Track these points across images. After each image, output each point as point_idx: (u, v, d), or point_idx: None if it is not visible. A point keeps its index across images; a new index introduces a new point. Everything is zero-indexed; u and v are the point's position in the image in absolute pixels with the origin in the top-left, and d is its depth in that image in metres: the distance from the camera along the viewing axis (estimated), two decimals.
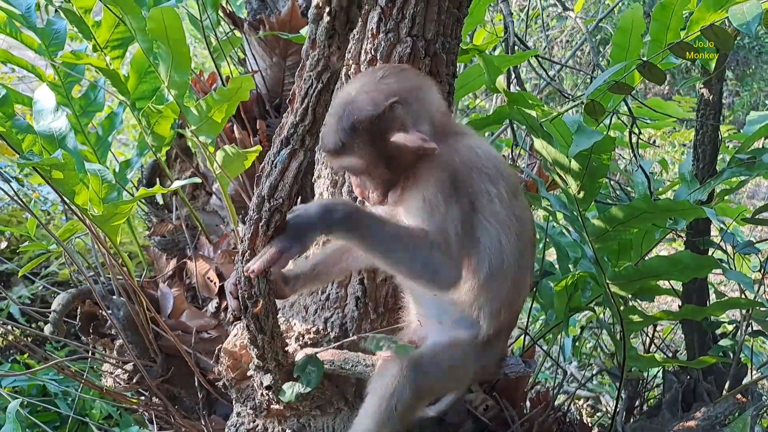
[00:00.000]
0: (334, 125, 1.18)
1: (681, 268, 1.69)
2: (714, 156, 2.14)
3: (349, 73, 1.42)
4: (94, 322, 2.16)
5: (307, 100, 0.95)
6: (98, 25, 2.01)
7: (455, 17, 1.41)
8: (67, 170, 1.58)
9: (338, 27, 0.84)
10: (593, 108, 1.83)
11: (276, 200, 1.07)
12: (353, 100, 1.18)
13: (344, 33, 0.86)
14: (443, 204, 1.20)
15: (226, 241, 2.29)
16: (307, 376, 1.54)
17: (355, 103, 1.18)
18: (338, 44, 0.87)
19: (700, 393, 2.12)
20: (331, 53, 0.87)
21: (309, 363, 1.54)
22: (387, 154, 1.21)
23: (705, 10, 1.72)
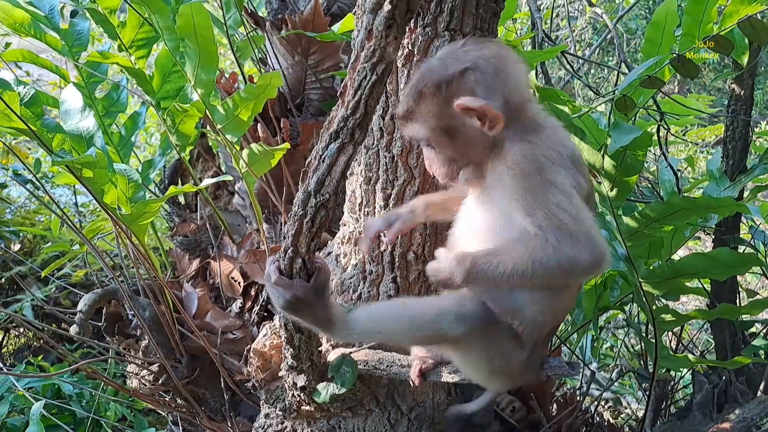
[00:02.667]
0: (406, 91, 1.14)
1: (719, 266, 1.67)
2: (744, 152, 2.11)
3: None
4: (119, 323, 2.15)
5: (360, 92, 0.93)
6: (123, 25, 2.00)
7: (492, 11, 1.40)
8: (99, 168, 1.57)
9: (398, 16, 0.82)
10: (625, 103, 1.81)
11: (322, 196, 1.05)
12: (429, 67, 1.13)
13: (403, 23, 0.84)
14: (541, 191, 1.09)
15: (250, 240, 2.27)
16: (342, 376, 1.52)
17: (428, 69, 1.13)
18: (395, 34, 0.85)
19: (732, 394, 2.09)
20: (387, 43, 0.85)
21: (344, 363, 1.53)
22: (452, 124, 1.13)
23: (739, 3, 1.69)
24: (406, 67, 1.39)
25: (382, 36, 0.85)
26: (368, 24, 0.84)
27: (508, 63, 1.16)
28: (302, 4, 2.55)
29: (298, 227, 1.10)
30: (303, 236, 1.11)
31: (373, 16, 0.84)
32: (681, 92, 8.72)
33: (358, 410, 1.67)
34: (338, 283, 1.66)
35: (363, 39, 0.87)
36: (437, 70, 1.12)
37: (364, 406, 1.67)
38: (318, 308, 1.19)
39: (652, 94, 1.97)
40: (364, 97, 0.93)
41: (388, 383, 1.67)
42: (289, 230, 1.12)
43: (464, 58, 1.11)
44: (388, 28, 0.84)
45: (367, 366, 1.53)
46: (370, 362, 1.53)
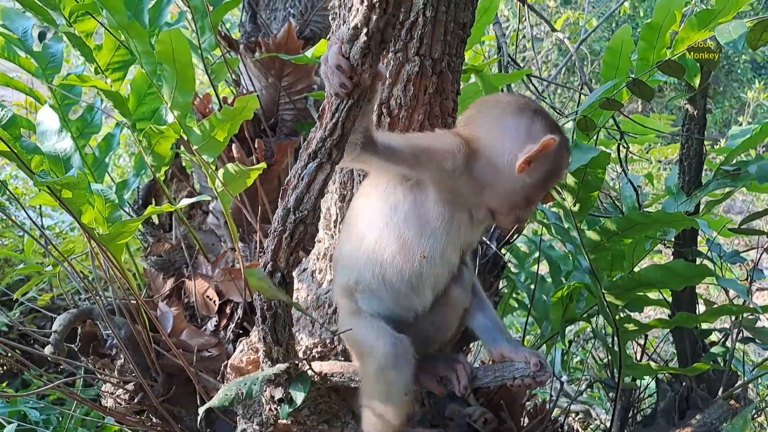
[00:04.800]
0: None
1: (675, 277, 1.76)
2: (699, 169, 2.21)
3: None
4: (94, 342, 2.16)
5: (337, 115, 0.99)
6: (99, 49, 2.04)
7: (460, 37, 1.47)
8: (78, 189, 1.60)
9: (373, 46, 0.89)
10: (585, 124, 1.90)
11: (301, 212, 1.10)
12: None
13: (378, 52, 0.90)
14: None
15: (225, 259, 2.31)
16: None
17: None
18: (371, 62, 0.91)
19: (694, 401, 2.17)
20: (363, 71, 0.92)
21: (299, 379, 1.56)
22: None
23: (690, 30, 1.80)
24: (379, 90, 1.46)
25: (358, 64, 0.91)
26: (345, 53, 0.91)
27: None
28: (275, 28, 2.61)
29: (278, 243, 1.16)
30: (282, 251, 1.17)
31: (350, 45, 0.90)
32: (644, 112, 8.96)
33: (334, 422, 1.71)
34: (314, 299, 1.71)
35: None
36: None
37: (339, 419, 1.71)
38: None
39: (611, 114, 2.07)
40: (341, 119, 0.99)
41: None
42: (269, 246, 1.17)
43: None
44: (363, 57, 0.90)
45: (342, 378, 1.57)
46: (345, 374, 1.57)
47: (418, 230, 1.33)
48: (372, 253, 1.36)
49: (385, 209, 1.34)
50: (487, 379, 1.39)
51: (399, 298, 1.40)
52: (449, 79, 1.49)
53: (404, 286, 1.38)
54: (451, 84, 1.50)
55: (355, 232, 1.41)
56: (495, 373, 1.38)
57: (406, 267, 1.35)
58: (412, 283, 1.37)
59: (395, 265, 1.35)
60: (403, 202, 1.33)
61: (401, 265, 1.35)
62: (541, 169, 1.27)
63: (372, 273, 1.37)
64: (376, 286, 1.39)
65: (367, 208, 1.38)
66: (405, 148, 1.23)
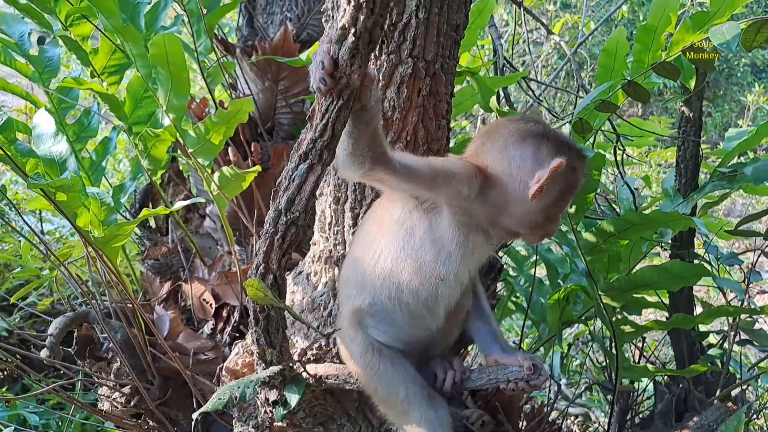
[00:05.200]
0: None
1: (671, 277, 1.76)
2: (696, 171, 2.21)
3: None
4: (90, 346, 2.16)
5: (327, 116, 0.99)
6: (95, 52, 2.05)
7: (453, 39, 1.47)
8: (73, 192, 1.61)
9: (361, 47, 0.89)
10: (581, 126, 1.90)
11: (292, 214, 1.10)
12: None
13: (366, 52, 0.90)
14: None
15: (221, 262, 2.31)
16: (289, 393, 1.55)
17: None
18: (360, 63, 0.91)
19: (692, 403, 2.16)
20: (352, 71, 0.92)
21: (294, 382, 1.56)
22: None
23: (685, 32, 1.80)
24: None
25: (347, 65, 0.91)
26: (334, 53, 0.91)
27: None
28: (272, 32, 2.62)
29: (270, 244, 1.16)
30: (274, 253, 1.17)
31: (339, 46, 0.90)
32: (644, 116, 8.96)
33: (330, 425, 1.71)
34: (309, 301, 1.71)
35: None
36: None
37: (335, 421, 1.71)
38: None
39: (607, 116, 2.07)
40: (331, 120, 0.99)
41: (358, 397, 1.72)
42: (261, 247, 1.17)
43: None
44: (352, 57, 0.90)
45: (337, 380, 1.57)
46: (340, 376, 1.57)
47: (434, 254, 1.33)
48: (388, 275, 1.36)
49: (401, 232, 1.35)
50: (482, 381, 1.39)
51: (414, 319, 1.41)
52: (443, 81, 1.49)
53: (420, 306, 1.38)
54: (445, 86, 1.51)
55: (369, 254, 1.40)
56: (489, 375, 1.38)
57: (423, 289, 1.36)
58: (428, 304, 1.38)
59: (411, 287, 1.36)
60: (419, 225, 1.34)
61: (417, 287, 1.36)
62: (555, 188, 1.27)
63: (388, 295, 1.38)
64: (392, 308, 1.40)
65: (382, 231, 1.38)
66: (423, 168, 1.24)
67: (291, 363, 1.51)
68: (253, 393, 1.35)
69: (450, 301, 1.40)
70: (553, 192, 1.27)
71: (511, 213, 1.30)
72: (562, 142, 1.29)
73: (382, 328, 1.44)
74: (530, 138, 1.28)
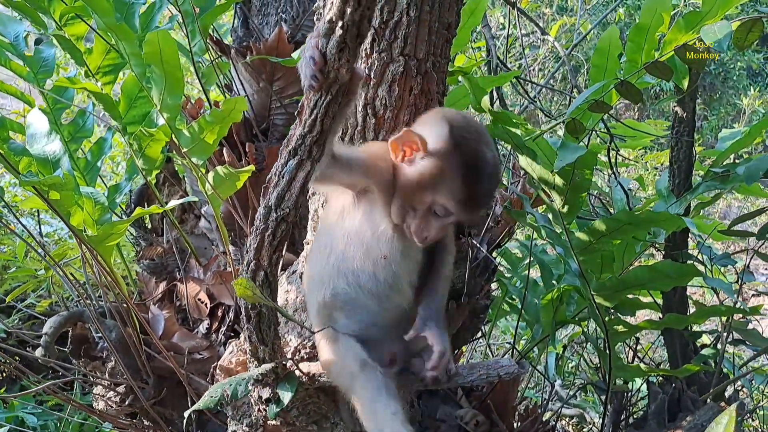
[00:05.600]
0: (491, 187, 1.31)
1: (662, 277, 1.76)
2: (689, 171, 2.22)
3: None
4: (85, 345, 2.16)
5: (315, 111, 0.99)
6: (90, 52, 2.05)
7: (445, 37, 1.48)
8: (65, 191, 1.61)
9: (349, 41, 0.89)
10: (574, 126, 1.91)
11: (282, 210, 1.11)
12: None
13: (354, 46, 0.91)
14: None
15: (216, 262, 2.31)
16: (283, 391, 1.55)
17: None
18: (348, 57, 0.92)
19: (685, 403, 2.17)
20: (340, 66, 0.92)
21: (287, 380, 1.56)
22: None
23: (677, 31, 1.81)
24: (364, 90, 1.47)
25: (335, 59, 0.92)
26: (322, 47, 0.91)
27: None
28: (267, 33, 2.62)
29: (260, 241, 1.16)
30: (265, 249, 1.17)
31: (327, 40, 0.90)
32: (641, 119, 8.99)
33: (323, 423, 1.71)
34: (303, 300, 1.71)
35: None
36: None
37: (329, 419, 1.71)
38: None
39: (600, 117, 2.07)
40: (319, 116, 1.00)
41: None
42: (252, 244, 1.18)
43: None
44: (340, 52, 0.91)
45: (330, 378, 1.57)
46: None
47: (374, 234, 1.38)
48: (342, 264, 1.41)
49: (346, 222, 1.41)
50: (473, 377, 1.39)
51: (380, 301, 1.43)
52: (434, 80, 1.49)
53: (380, 287, 1.41)
54: (437, 85, 1.51)
55: (321, 249, 1.46)
56: (480, 371, 1.38)
57: (376, 270, 1.39)
58: (387, 282, 1.41)
59: (365, 271, 1.39)
60: (360, 211, 1.39)
61: (371, 269, 1.39)
62: (429, 168, 1.27)
63: (347, 282, 1.41)
64: (354, 295, 1.42)
65: (330, 225, 1.45)
66: (358, 155, 1.30)
67: (284, 361, 1.51)
68: (245, 391, 1.36)
69: (411, 276, 1.44)
70: (423, 173, 1.28)
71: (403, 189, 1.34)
72: (461, 135, 1.28)
73: (354, 317, 1.46)
74: (434, 119, 1.32)
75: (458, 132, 1.27)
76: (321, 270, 1.45)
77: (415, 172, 1.28)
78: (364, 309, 1.44)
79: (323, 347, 1.50)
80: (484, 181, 1.27)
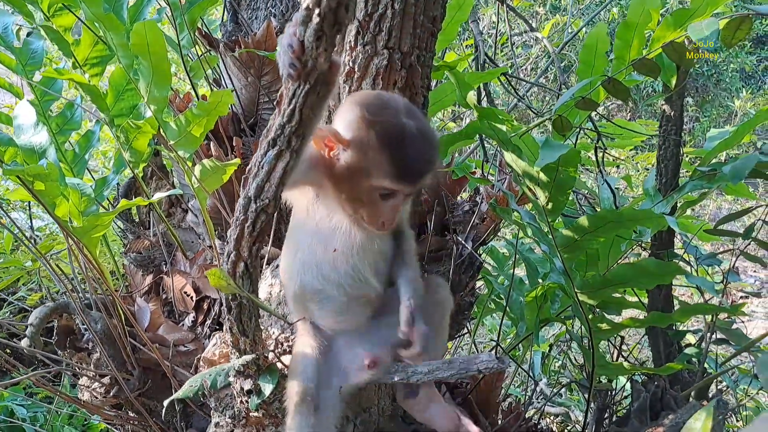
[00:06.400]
0: (431, 153, 1.29)
1: (645, 275, 1.76)
2: (676, 171, 2.22)
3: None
4: (71, 337, 2.16)
5: (294, 101, 0.99)
6: (78, 43, 2.05)
7: (430, 31, 1.48)
8: (50, 181, 1.61)
9: (326, 28, 0.89)
10: (561, 123, 1.91)
11: (262, 201, 1.11)
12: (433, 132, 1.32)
13: (332, 34, 0.90)
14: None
15: (203, 256, 2.31)
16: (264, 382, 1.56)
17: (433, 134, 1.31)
18: (326, 46, 0.91)
19: (668, 401, 2.17)
20: (318, 54, 0.92)
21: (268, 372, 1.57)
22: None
23: (666, 29, 1.81)
24: (348, 84, 1.47)
25: (313, 47, 0.92)
26: (300, 35, 0.91)
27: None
28: (257, 27, 2.62)
29: (240, 232, 1.16)
30: (245, 240, 1.17)
31: (304, 28, 0.90)
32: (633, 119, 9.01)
33: None
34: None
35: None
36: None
37: None
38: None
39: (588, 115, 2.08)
40: (298, 105, 1.00)
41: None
42: (231, 235, 1.18)
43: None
44: (317, 40, 0.90)
45: None
46: None
47: (330, 229, 1.40)
48: (307, 259, 1.45)
49: (309, 220, 1.43)
50: (453, 371, 1.39)
51: (350, 290, 1.46)
52: (419, 74, 1.49)
53: (346, 279, 1.44)
54: (421, 79, 1.51)
55: (290, 246, 1.51)
56: (460, 366, 1.38)
57: (339, 262, 1.42)
58: (351, 274, 1.44)
59: (327, 264, 1.43)
60: (320, 209, 1.41)
61: (332, 262, 1.42)
62: (352, 156, 1.27)
63: (313, 275, 1.45)
64: (320, 287, 1.46)
65: (297, 224, 1.49)
66: (307, 154, 1.28)
67: (265, 353, 1.51)
68: (224, 381, 1.36)
69: (375, 266, 1.47)
70: (350, 162, 1.28)
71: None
72: (376, 113, 1.27)
73: (324, 307, 1.50)
74: (347, 106, 1.32)
75: (370, 111, 1.26)
76: (290, 265, 1.50)
77: (344, 165, 1.29)
78: (331, 299, 1.48)
79: (295, 342, 1.57)
80: (409, 147, 1.25)
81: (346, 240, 1.40)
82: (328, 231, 1.40)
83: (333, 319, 1.53)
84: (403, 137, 1.24)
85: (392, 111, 1.26)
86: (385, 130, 1.24)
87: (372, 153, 1.24)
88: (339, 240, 1.40)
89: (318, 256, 1.43)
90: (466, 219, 2.15)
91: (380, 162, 1.24)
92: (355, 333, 1.55)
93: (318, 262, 1.43)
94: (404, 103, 1.30)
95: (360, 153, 1.26)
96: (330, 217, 1.40)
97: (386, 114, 1.25)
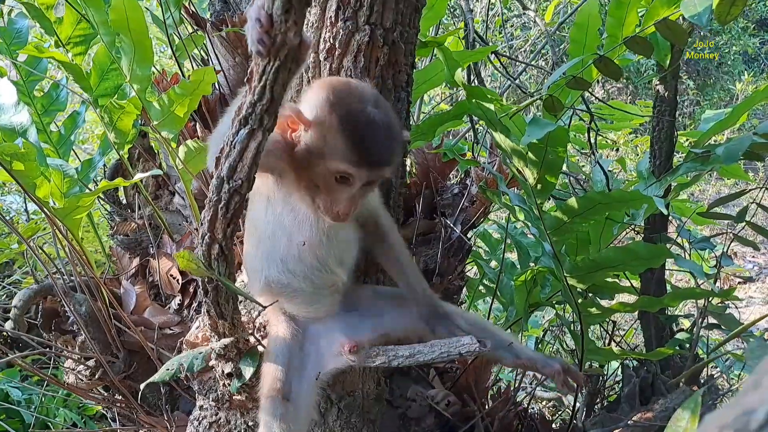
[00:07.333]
0: (386, 143, 1.24)
1: (635, 258, 1.73)
2: (670, 152, 2.19)
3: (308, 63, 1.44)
4: (56, 319, 2.14)
5: (265, 78, 0.96)
6: (60, 22, 2.01)
7: (413, 6, 1.44)
8: (28, 161, 1.58)
9: (295, 1, 0.86)
10: (552, 103, 1.88)
11: (235, 182, 1.08)
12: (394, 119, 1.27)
13: (301, 7, 0.87)
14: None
15: (189, 239, 2.29)
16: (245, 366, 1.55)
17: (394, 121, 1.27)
18: (295, 19, 0.88)
19: (658, 387, 2.16)
20: (288, 28, 0.89)
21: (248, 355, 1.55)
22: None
23: (659, 6, 1.77)
24: (328, 61, 1.43)
25: (281, 21, 0.88)
26: (268, 9, 0.87)
27: None
28: (245, 7, 2.57)
29: (213, 213, 1.13)
30: (219, 222, 1.14)
31: (272, 1, 0.87)
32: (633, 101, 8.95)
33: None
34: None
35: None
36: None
37: None
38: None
39: (579, 95, 2.04)
40: (269, 82, 0.96)
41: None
42: (205, 217, 1.15)
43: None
44: (286, 13, 0.87)
45: None
46: None
47: (293, 220, 1.36)
48: (270, 252, 1.41)
49: (269, 210, 1.38)
50: (434, 354, 1.37)
51: (317, 281, 1.44)
52: (402, 51, 1.46)
53: (311, 270, 1.42)
54: (405, 56, 1.47)
55: (250, 237, 1.47)
56: (441, 349, 1.36)
57: (303, 254, 1.39)
58: (316, 266, 1.41)
59: (292, 256, 1.39)
60: (280, 198, 1.36)
61: (296, 255, 1.39)
62: (313, 137, 1.23)
63: (277, 268, 1.42)
64: (286, 280, 1.43)
65: (256, 214, 1.43)
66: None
67: (245, 335, 1.49)
68: (201, 365, 1.34)
69: (343, 256, 1.45)
70: (310, 144, 1.24)
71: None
72: (340, 98, 1.24)
73: (293, 301, 1.48)
74: (315, 89, 1.28)
75: (336, 95, 1.22)
76: (252, 258, 1.47)
77: (304, 147, 1.24)
78: (299, 292, 1.45)
79: (269, 330, 1.55)
80: (367, 133, 1.21)
81: (312, 231, 1.36)
82: (292, 222, 1.36)
83: (303, 309, 1.51)
84: (363, 122, 1.20)
85: (357, 97, 1.23)
86: (346, 113, 1.20)
87: (331, 135, 1.20)
88: (304, 232, 1.36)
89: (282, 249, 1.39)
90: (455, 202, 2.12)
91: (338, 144, 1.20)
92: (330, 319, 1.52)
93: (282, 256, 1.40)
94: (373, 93, 1.27)
95: (320, 135, 1.22)
96: (292, 207, 1.36)
97: (351, 98, 1.22)
